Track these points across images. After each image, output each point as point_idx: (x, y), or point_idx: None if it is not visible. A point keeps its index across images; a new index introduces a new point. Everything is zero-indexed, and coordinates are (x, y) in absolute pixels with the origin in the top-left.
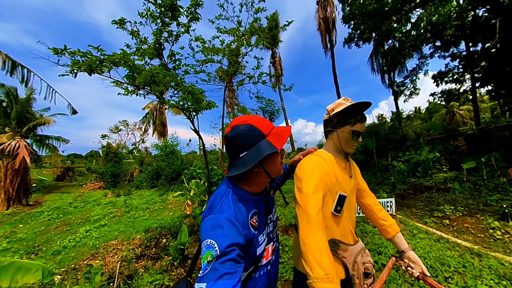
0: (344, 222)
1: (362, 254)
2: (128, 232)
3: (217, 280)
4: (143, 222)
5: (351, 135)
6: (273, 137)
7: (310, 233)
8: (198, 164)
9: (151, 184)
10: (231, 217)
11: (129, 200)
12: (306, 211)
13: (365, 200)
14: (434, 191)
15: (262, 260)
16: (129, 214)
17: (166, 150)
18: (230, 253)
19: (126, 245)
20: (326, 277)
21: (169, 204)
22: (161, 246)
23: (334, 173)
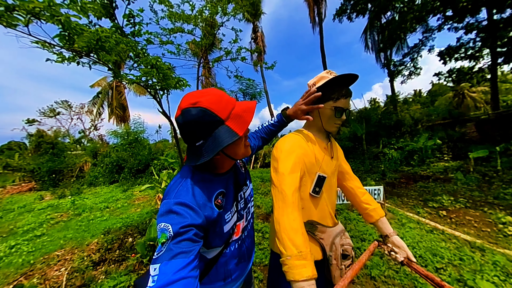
0: (323, 204)
1: (341, 236)
2: (79, 237)
3: (170, 259)
4: (101, 224)
5: (334, 112)
6: (233, 121)
7: (284, 213)
8: (170, 152)
9: (111, 179)
10: (187, 201)
11: (79, 200)
12: (281, 191)
13: (347, 183)
14: (431, 180)
15: (233, 236)
16: (81, 217)
17: (128, 138)
18: (186, 233)
19: (78, 253)
20: (299, 254)
21: (135, 200)
22: (126, 246)
23: (313, 153)
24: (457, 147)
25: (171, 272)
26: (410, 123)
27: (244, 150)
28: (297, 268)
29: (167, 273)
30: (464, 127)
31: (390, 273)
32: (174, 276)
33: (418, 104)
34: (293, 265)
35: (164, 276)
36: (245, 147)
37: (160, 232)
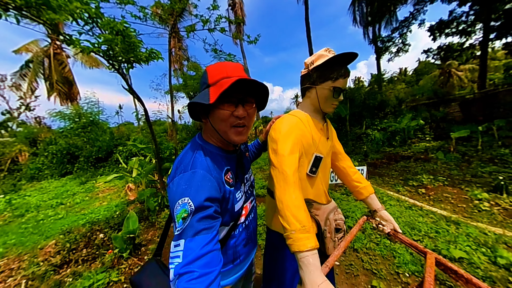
0: (318, 183)
1: (334, 212)
2: (27, 242)
3: (194, 236)
4: (56, 223)
5: (332, 92)
6: (214, 88)
7: (287, 192)
8: (139, 137)
9: (61, 171)
10: (204, 171)
11: (18, 198)
12: (282, 171)
13: (339, 163)
14: (412, 160)
15: (241, 218)
16: (25, 218)
17: (81, 121)
18: (207, 209)
19: (29, 258)
20: (303, 228)
21: (98, 193)
22: (96, 243)
23: (310, 134)
24: (439, 127)
25: (198, 248)
26: (394, 104)
27: (225, 128)
28: (301, 240)
29: (193, 248)
30: (448, 107)
31: (371, 245)
32: (201, 251)
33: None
34: (297, 238)
35: (191, 252)
36: (232, 128)
37: (181, 207)
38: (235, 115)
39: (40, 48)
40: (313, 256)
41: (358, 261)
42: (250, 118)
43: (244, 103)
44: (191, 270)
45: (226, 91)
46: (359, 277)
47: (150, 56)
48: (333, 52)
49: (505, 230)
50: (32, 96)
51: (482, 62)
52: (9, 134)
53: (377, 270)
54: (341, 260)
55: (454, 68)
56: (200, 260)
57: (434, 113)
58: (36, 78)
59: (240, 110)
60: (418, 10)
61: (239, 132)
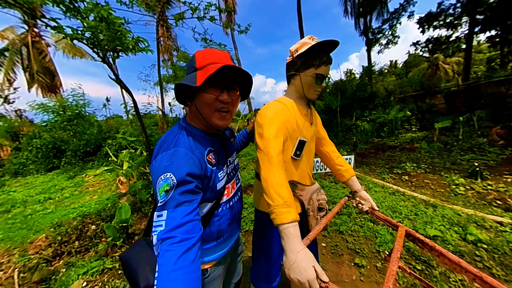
0: (302, 166)
1: (317, 193)
2: (15, 236)
3: (176, 207)
4: (45, 218)
5: (315, 79)
6: (201, 72)
7: (271, 172)
8: (128, 130)
9: (47, 165)
10: (186, 150)
11: (2, 194)
12: (267, 153)
13: (323, 148)
14: (398, 150)
15: (224, 197)
16: (11, 214)
17: (66, 113)
18: (188, 184)
19: (19, 253)
20: (285, 203)
21: (88, 187)
22: (89, 235)
23: (295, 119)
24: (425, 118)
25: (179, 217)
26: (383, 96)
27: (209, 111)
28: (283, 214)
29: (175, 218)
30: (434, 99)
31: (356, 228)
32: (182, 220)
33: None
34: (279, 212)
35: (173, 220)
36: (216, 112)
37: (163, 182)
38: (219, 99)
39: (16, 36)
40: (294, 227)
41: (343, 242)
42: (233, 105)
43: (229, 90)
44: (173, 236)
45: (213, 75)
46: (343, 256)
47: (136, 44)
48: (316, 40)
49: (476, 211)
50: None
51: (467, 55)
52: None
53: (360, 249)
54: (328, 241)
55: (441, 61)
56: (182, 228)
57: (420, 105)
58: (13, 68)
59: (225, 95)
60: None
61: (222, 117)
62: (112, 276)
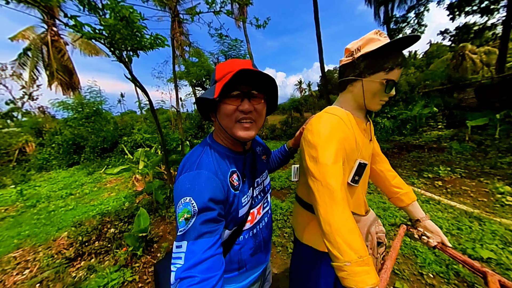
0: (358, 192)
1: (375, 225)
2: (41, 233)
3: (197, 238)
4: (67, 214)
5: (384, 86)
6: (220, 83)
7: (335, 212)
8: (143, 127)
9: (68, 161)
10: (210, 173)
11: (29, 189)
12: (327, 185)
13: (377, 166)
14: (426, 150)
15: (247, 224)
16: (36, 209)
17: (84, 110)
18: (210, 211)
19: (44, 250)
20: (360, 260)
21: (106, 183)
22: (108, 236)
23: (354, 137)
24: (452, 114)
25: (200, 251)
26: (406, 90)
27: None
28: (359, 275)
29: (196, 252)
30: (463, 93)
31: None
32: (203, 255)
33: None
34: (353, 271)
35: (193, 255)
36: (237, 123)
37: (183, 206)
38: (240, 109)
39: (36, 35)
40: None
41: None
42: (258, 114)
43: (251, 98)
44: (192, 275)
45: (229, 84)
46: None
47: (155, 43)
48: (384, 35)
49: None
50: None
51: (503, 44)
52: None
53: (399, 270)
54: None
55: (468, 51)
56: (202, 265)
57: (447, 100)
58: (36, 66)
59: (245, 104)
60: None
61: (245, 127)
62: None
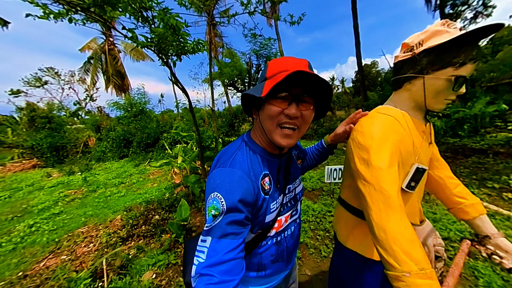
0: (414, 199)
1: (432, 236)
2: (100, 214)
3: (221, 238)
4: (119, 200)
5: (453, 83)
6: (269, 82)
7: (391, 219)
8: (180, 125)
9: (120, 154)
10: (243, 173)
11: (90, 176)
12: (381, 190)
13: (435, 172)
14: (490, 155)
15: (272, 231)
16: (96, 194)
17: (133, 110)
18: (238, 213)
19: (103, 229)
20: (422, 272)
21: (150, 175)
22: (153, 222)
23: (411, 139)
24: None
25: (222, 252)
26: None
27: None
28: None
29: (218, 251)
30: None
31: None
32: (225, 256)
33: None
34: (414, 284)
35: (215, 254)
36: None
37: (212, 201)
38: (285, 113)
39: (98, 45)
40: None
41: None
42: (304, 121)
43: (299, 102)
44: (212, 274)
45: (280, 84)
46: None
47: (196, 47)
48: (454, 25)
49: None
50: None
51: None
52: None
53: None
54: None
55: None
56: (222, 266)
57: None
58: (96, 72)
59: (292, 108)
60: None
61: (286, 135)
62: (176, 273)
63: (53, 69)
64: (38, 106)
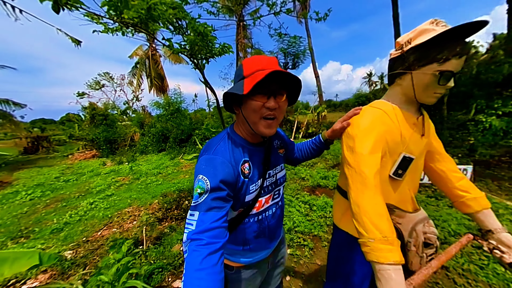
0: (404, 187)
1: (424, 224)
2: (143, 198)
3: (207, 211)
4: (158, 187)
5: (437, 78)
6: (249, 80)
7: (365, 196)
8: (210, 122)
9: (159, 148)
10: (225, 159)
11: (135, 166)
12: (360, 172)
13: (437, 164)
14: None
15: (253, 210)
16: (139, 181)
17: (170, 109)
18: (220, 191)
19: (144, 210)
20: (384, 239)
21: (182, 167)
22: (183, 207)
23: (399, 130)
24: None
25: (209, 222)
26: None
27: (256, 119)
28: (382, 251)
29: (205, 221)
30: None
31: (472, 267)
32: (211, 225)
33: None
34: (376, 248)
35: (203, 223)
36: (262, 120)
37: (198, 182)
38: (266, 106)
39: (143, 52)
40: (396, 272)
41: (449, 282)
42: (280, 111)
43: (276, 95)
44: (201, 238)
45: (260, 82)
46: None
47: (222, 50)
48: (443, 23)
49: None
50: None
51: None
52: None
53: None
54: None
55: None
56: (209, 232)
57: None
58: (141, 75)
59: (271, 102)
60: None
61: (268, 124)
62: None
63: (108, 73)
64: (97, 106)
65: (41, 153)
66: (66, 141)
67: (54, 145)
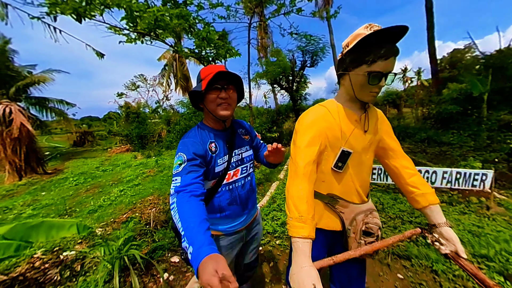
0: (347, 179)
1: (367, 214)
2: (163, 189)
3: (187, 174)
4: None
5: (367, 78)
6: (204, 81)
7: (294, 182)
8: None
9: None
10: (195, 140)
11: (160, 160)
12: (295, 162)
13: (390, 161)
14: None
15: (224, 181)
16: (163, 174)
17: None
18: (194, 160)
19: (163, 199)
20: (299, 217)
21: None
22: None
23: (339, 126)
24: None
25: (189, 179)
26: None
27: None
28: (296, 227)
29: (187, 179)
30: None
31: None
32: (192, 181)
33: None
34: (293, 224)
35: (185, 180)
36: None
37: (178, 157)
38: (219, 97)
39: (170, 55)
40: (304, 243)
41: (435, 285)
42: (232, 100)
43: (226, 89)
44: (185, 189)
45: (212, 81)
46: None
47: (228, 53)
48: (376, 27)
49: None
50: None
51: None
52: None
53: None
54: (409, 275)
55: None
56: (191, 186)
57: None
58: (170, 77)
59: (223, 93)
60: None
61: (224, 108)
62: None
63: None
64: (131, 105)
65: (87, 146)
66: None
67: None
